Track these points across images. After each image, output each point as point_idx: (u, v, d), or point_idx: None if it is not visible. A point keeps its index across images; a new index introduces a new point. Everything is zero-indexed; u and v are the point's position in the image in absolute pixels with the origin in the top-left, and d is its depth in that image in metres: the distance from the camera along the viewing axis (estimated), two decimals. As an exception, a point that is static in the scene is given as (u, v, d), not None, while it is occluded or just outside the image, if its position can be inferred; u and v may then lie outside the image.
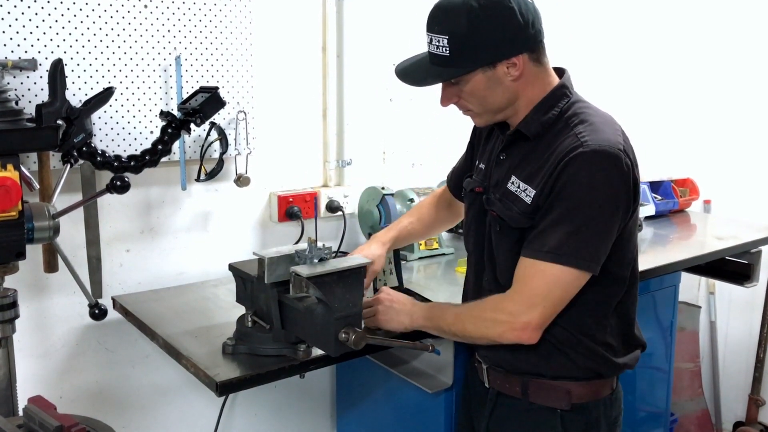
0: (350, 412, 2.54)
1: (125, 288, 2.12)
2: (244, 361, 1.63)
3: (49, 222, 1.57)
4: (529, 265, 1.45)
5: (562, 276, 1.43)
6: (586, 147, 1.41)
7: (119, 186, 1.65)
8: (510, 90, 1.49)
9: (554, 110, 1.51)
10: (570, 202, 1.41)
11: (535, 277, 1.44)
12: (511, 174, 1.54)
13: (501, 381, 1.65)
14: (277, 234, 2.40)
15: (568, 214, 1.41)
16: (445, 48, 1.45)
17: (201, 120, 1.90)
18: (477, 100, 1.51)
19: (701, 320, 3.55)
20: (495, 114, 1.55)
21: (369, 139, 2.59)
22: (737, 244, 2.71)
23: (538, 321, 1.45)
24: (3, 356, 1.59)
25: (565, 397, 1.57)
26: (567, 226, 1.41)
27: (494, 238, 1.58)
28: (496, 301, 1.50)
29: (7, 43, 1.79)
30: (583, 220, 1.41)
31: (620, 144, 1.45)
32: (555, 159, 1.44)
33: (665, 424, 2.83)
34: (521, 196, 1.50)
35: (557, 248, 1.41)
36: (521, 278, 1.47)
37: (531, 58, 1.48)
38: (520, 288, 1.47)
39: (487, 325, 1.50)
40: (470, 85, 1.48)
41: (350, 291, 1.52)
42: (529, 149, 1.53)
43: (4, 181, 1.42)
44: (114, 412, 2.13)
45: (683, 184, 3.31)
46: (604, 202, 1.42)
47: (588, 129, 1.46)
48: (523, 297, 1.46)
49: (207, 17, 2.10)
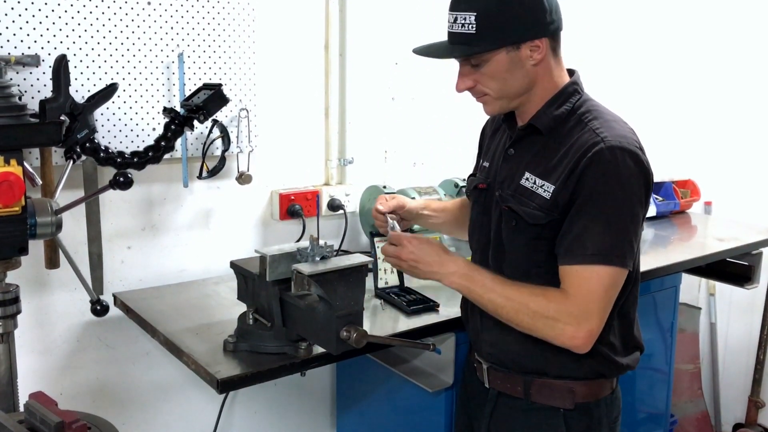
0: (350, 410, 2.54)
1: (126, 285, 2.12)
2: (244, 359, 1.64)
3: (51, 218, 1.57)
4: (579, 270, 1.43)
5: (612, 276, 1.43)
6: (607, 143, 1.42)
7: (122, 182, 1.65)
8: (529, 75, 1.49)
9: (566, 106, 1.52)
10: (601, 201, 1.42)
11: (591, 280, 1.43)
12: (524, 170, 1.53)
13: (502, 381, 1.64)
14: (278, 232, 2.40)
15: (601, 214, 1.42)
16: (471, 25, 1.44)
17: (204, 117, 1.90)
18: (496, 83, 1.49)
19: (701, 322, 3.55)
20: (511, 100, 1.53)
21: (371, 138, 2.59)
22: (738, 246, 2.71)
23: (597, 329, 1.45)
24: (4, 352, 1.59)
25: (568, 396, 1.57)
26: (604, 225, 1.41)
27: (507, 233, 1.57)
28: (559, 301, 1.45)
29: (10, 39, 1.79)
30: (617, 218, 1.42)
31: (636, 141, 1.47)
32: (574, 155, 1.44)
33: (665, 425, 2.83)
34: (538, 191, 1.49)
35: (600, 249, 1.41)
36: (575, 282, 1.44)
37: (551, 45, 1.50)
38: (578, 291, 1.44)
39: (547, 323, 1.45)
40: (492, 66, 1.47)
41: (352, 289, 1.52)
42: (540, 145, 1.53)
43: (7, 176, 1.42)
44: (115, 409, 2.13)
45: (684, 185, 3.31)
46: (632, 197, 1.43)
47: (604, 125, 1.47)
48: (584, 301, 1.43)
49: (210, 14, 2.10)
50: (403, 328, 1.85)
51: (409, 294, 2.05)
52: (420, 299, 2.00)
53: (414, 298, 2.01)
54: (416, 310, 1.95)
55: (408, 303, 1.97)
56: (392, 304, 2.01)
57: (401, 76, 2.62)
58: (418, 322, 1.89)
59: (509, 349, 1.59)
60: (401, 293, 2.05)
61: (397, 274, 2.11)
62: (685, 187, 3.30)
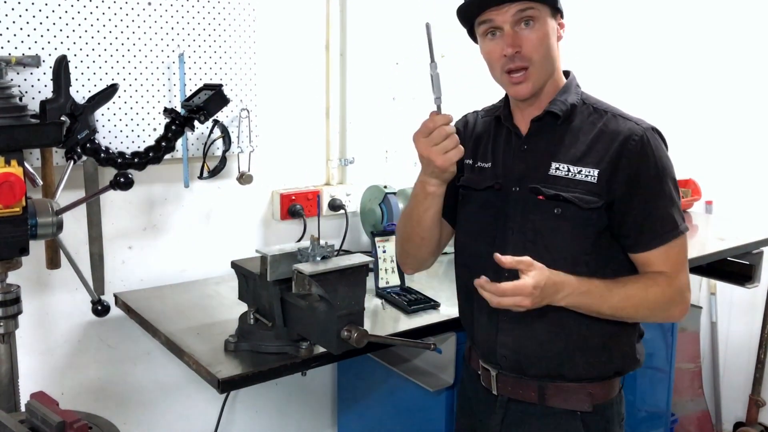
0: (351, 410, 2.54)
1: (127, 285, 2.12)
2: (245, 359, 1.64)
3: (52, 218, 1.57)
4: (666, 250, 1.49)
5: (685, 242, 1.53)
6: (644, 124, 1.51)
7: (122, 183, 1.65)
8: (556, 51, 1.52)
9: (576, 95, 1.56)
10: (663, 179, 1.49)
11: (681, 254, 1.52)
12: (549, 161, 1.52)
13: (513, 387, 1.58)
14: (279, 232, 2.40)
15: (662, 194, 1.49)
16: None
17: (205, 117, 1.90)
18: (544, 49, 1.48)
19: (702, 321, 3.55)
20: (549, 74, 1.52)
21: (371, 138, 2.59)
22: (739, 245, 2.71)
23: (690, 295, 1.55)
24: (6, 352, 1.59)
25: (587, 398, 1.54)
26: (669, 201, 1.49)
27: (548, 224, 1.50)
28: (668, 285, 1.51)
29: (11, 40, 1.79)
30: (673, 193, 1.51)
31: None
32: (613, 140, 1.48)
33: (666, 424, 2.83)
34: (579, 177, 1.48)
35: (675, 224, 1.49)
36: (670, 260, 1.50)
37: None
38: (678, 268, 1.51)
39: (665, 309, 1.52)
40: (542, 28, 1.47)
41: (352, 289, 1.52)
42: (558, 135, 1.53)
43: (8, 176, 1.42)
44: (116, 409, 2.13)
45: (685, 184, 3.30)
46: (673, 174, 1.54)
47: (624, 114, 1.54)
48: (685, 275, 1.52)
49: (210, 15, 2.10)
50: (403, 328, 1.85)
51: (409, 293, 2.05)
52: (421, 299, 2.00)
53: (415, 298, 2.01)
54: (417, 309, 1.95)
55: (409, 302, 1.97)
56: (393, 304, 2.01)
57: (402, 76, 2.62)
58: (419, 321, 1.89)
59: (528, 352, 1.54)
60: (402, 293, 2.05)
61: (398, 273, 2.11)
62: (686, 187, 3.30)
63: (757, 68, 3.45)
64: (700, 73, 3.51)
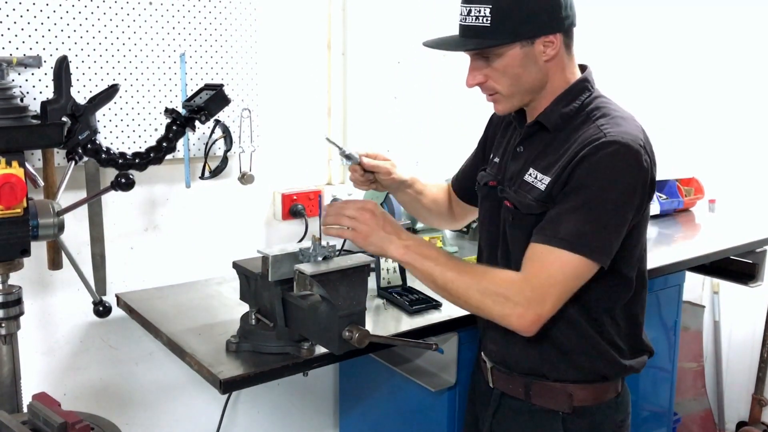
0: (353, 410, 2.54)
1: (129, 285, 2.12)
2: (247, 359, 1.64)
3: (53, 219, 1.57)
4: (543, 250, 1.40)
5: (577, 266, 1.39)
6: (609, 137, 1.40)
7: (124, 183, 1.65)
8: (542, 71, 1.47)
9: (575, 103, 1.50)
10: (588, 191, 1.39)
11: (553, 264, 1.39)
12: (529, 167, 1.51)
13: (504, 381, 1.63)
14: (281, 232, 2.40)
15: (584, 204, 1.39)
16: (486, 18, 1.42)
17: (206, 117, 1.90)
18: (509, 79, 1.46)
19: (705, 320, 3.54)
20: (522, 97, 1.50)
21: (373, 137, 2.59)
22: (742, 244, 2.71)
23: (547, 316, 1.40)
24: (8, 353, 1.59)
25: (566, 400, 1.55)
26: (582, 214, 1.38)
27: (509, 231, 1.55)
28: (512, 280, 1.41)
29: (12, 40, 1.79)
30: (599, 211, 1.39)
31: (641, 140, 1.44)
32: (575, 149, 1.42)
33: (668, 423, 2.82)
34: (536, 185, 1.48)
35: (572, 236, 1.37)
36: (536, 263, 1.40)
37: (564, 41, 1.48)
38: (536, 272, 1.39)
39: (496, 300, 1.40)
40: (505, 61, 1.44)
41: (354, 289, 1.51)
42: (547, 142, 1.51)
43: (9, 178, 1.42)
44: (118, 410, 2.13)
45: (688, 183, 3.30)
46: (621, 195, 1.40)
47: (610, 122, 1.45)
48: (540, 283, 1.38)
49: (212, 14, 2.10)
50: (405, 328, 1.85)
51: (411, 293, 2.04)
52: (422, 299, 2.00)
53: (416, 298, 2.01)
54: (419, 309, 1.95)
55: (410, 302, 1.97)
56: (394, 304, 2.01)
57: (403, 75, 2.61)
58: (421, 321, 1.89)
59: (511, 349, 1.57)
60: (403, 293, 2.05)
61: (399, 273, 2.11)
62: (689, 185, 3.29)
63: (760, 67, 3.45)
64: (704, 72, 3.50)
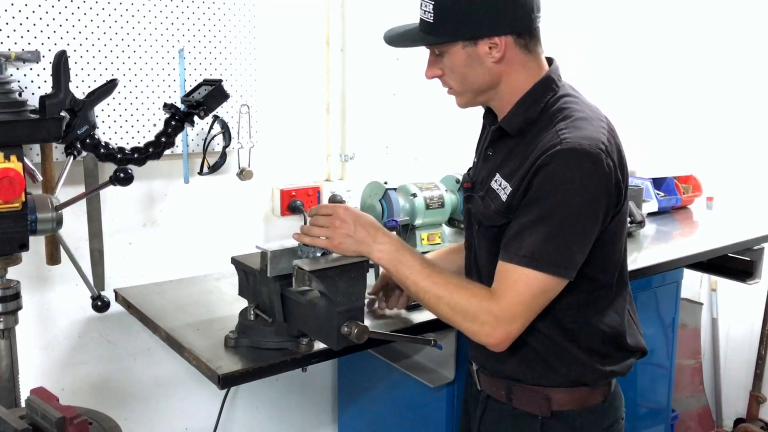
0: (352, 406, 2.54)
1: (127, 280, 2.12)
2: (246, 355, 1.64)
3: (52, 214, 1.57)
4: (508, 269, 1.37)
5: (542, 283, 1.36)
6: (565, 145, 1.34)
7: (122, 178, 1.65)
8: (491, 72, 1.43)
9: (538, 105, 1.45)
10: (547, 203, 1.34)
11: (519, 282, 1.36)
12: (496, 171, 1.48)
13: (489, 384, 1.60)
14: (279, 228, 2.40)
15: (544, 217, 1.34)
16: (430, 14, 1.41)
17: (205, 112, 1.90)
18: (457, 77, 1.46)
19: (703, 317, 3.55)
20: (476, 95, 1.48)
21: (372, 134, 2.59)
22: (740, 241, 2.71)
23: (516, 333, 1.39)
24: (6, 348, 1.59)
25: (544, 403, 1.51)
26: (543, 228, 1.34)
27: (476, 238, 1.53)
28: (481, 298, 1.39)
29: (10, 35, 1.79)
30: (559, 223, 1.34)
31: (602, 143, 1.36)
32: (534, 157, 1.37)
33: (666, 420, 2.83)
34: (499, 193, 1.44)
35: (534, 253, 1.34)
36: (504, 282, 1.38)
37: (518, 42, 1.42)
38: (503, 291, 1.38)
39: (465, 316, 1.39)
40: (451, 59, 1.44)
41: (353, 285, 1.51)
42: (512, 147, 1.47)
43: (8, 172, 1.42)
44: (116, 405, 2.13)
45: (686, 180, 3.30)
46: (582, 204, 1.34)
47: (570, 126, 1.38)
48: (509, 303, 1.36)
49: (210, 10, 2.09)
50: (404, 324, 1.85)
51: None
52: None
53: (415, 294, 2.01)
54: (417, 305, 1.94)
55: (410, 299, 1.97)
56: (393, 300, 2.00)
57: (402, 72, 2.61)
58: (419, 317, 1.89)
59: (490, 353, 1.48)
60: (402, 289, 2.05)
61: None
62: (687, 183, 3.29)
63: (758, 65, 3.45)
64: (702, 69, 3.50)
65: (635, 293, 2.53)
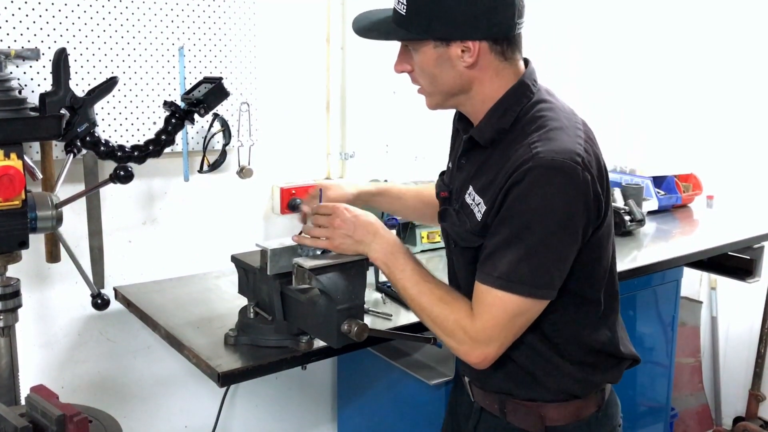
0: (351, 403, 2.54)
1: (127, 279, 2.12)
2: (246, 352, 1.64)
3: (52, 211, 1.57)
4: (484, 291, 1.32)
5: (518, 305, 1.30)
6: (537, 160, 1.27)
7: (122, 176, 1.65)
8: (463, 77, 1.36)
9: (511, 114, 1.37)
10: (520, 222, 1.28)
11: (494, 306, 1.31)
12: (469, 184, 1.42)
13: (482, 397, 1.54)
14: (279, 226, 2.40)
15: (518, 236, 1.28)
16: (403, 6, 1.34)
17: (205, 110, 1.89)
18: (426, 76, 1.39)
19: (703, 315, 3.55)
20: (445, 98, 1.42)
21: (372, 132, 2.58)
22: (740, 240, 2.71)
23: (495, 354, 1.35)
24: (5, 345, 1.59)
25: (538, 421, 1.46)
26: (517, 249, 1.28)
27: (453, 252, 1.49)
28: (459, 316, 1.35)
29: (10, 32, 1.78)
30: (534, 243, 1.28)
31: (577, 155, 1.29)
32: (506, 172, 1.31)
33: (665, 418, 2.83)
34: (474, 210, 1.38)
35: (508, 274, 1.28)
36: (480, 304, 1.34)
37: (493, 49, 1.34)
38: (480, 313, 1.33)
39: (444, 332, 1.38)
40: (421, 57, 1.37)
41: (353, 283, 1.51)
42: (485, 157, 1.40)
43: (8, 170, 1.42)
44: (116, 402, 2.13)
45: (686, 179, 3.30)
46: (558, 222, 1.28)
47: (543, 138, 1.31)
48: (483, 325, 1.32)
49: (210, 7, 2.09)
50: (403, 322, 1.85)
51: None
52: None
53: (415, 292, 2.01)
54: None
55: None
56: (393, 298, 2.01)
57: (402, 70, 2.60)
58: (419, 315, 1.89)
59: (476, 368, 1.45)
60: (402, 287, 2.05)
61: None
62: (687, 181, 3.30)
63: (758, 63, 3.45)
64: (702, 68, 3.50)
65: (635, 292, 2.55)
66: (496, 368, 1.41)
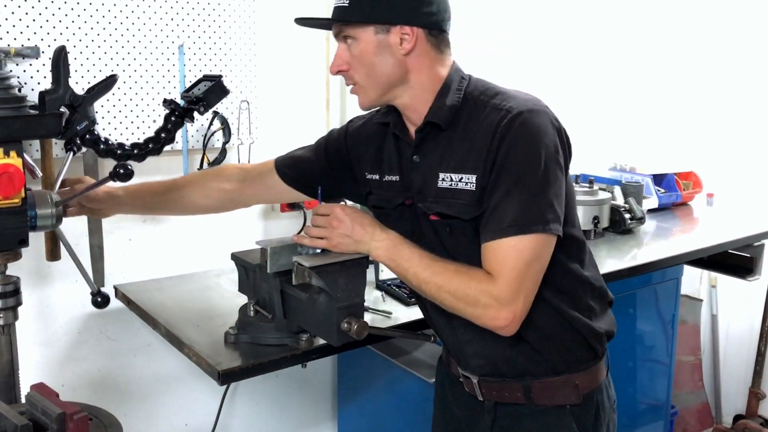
0: (351, 401, 2.54)
1: (127, 277, 2.12)
2: (246, 351, 1.64)
3: (51, 210, 1.57)
4: (495, 246, 1.34)
5: (534, 246, 1.33)
6: (514, 111, 1.36)
7: (122, 174, 1.64)
8: (401, 65, 1.42)
9: (459, 93, 1.45)
10: (516, 171, 1.35)
11: (509, 256, 1.33)
12: (437, 172, 1.45)
13: (498, 390, 1.53)
14: (279, 224, 2.40)
15: (518, 182, 1.34)
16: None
17: (204, 108, 1.89)
18: (365, 68, 1.43)
19: (703, 313, 3.55)
20: (382, 92, 1.46)
21: (372, 130, 2.58)
22: (740, 238, 2.71)
23: (522, 311, 1.36)
24: (6, 343, 1.59)
25: (573, 391, 1.49)
26: (520, 194, 1.34)
27: (449, 243, 1.48)
28: (479, 280, 1.36)
29: (9, 30, 1.78)
30: (534, 184, 1.34)
31: (539, 101, 1.42)
32: (485, 137, 1.38)
33: (666, 416, 2.83)
34: (459, 186, 1.41)
35: (518, 219, 1.32)
36: (494, 261, 1.35)
37: (429, 39, 1.43)
38: (498, 270, 1.34)
39: (467, 302, 1.36)
40: (360, 46, 1.42)
41: (353, 281, 1.51)
42: (445, 142, 1.45)
43: (7, 168, 1.41)
44: (116, 401, 2.13)
45: (686, 177, 3.30)
46: (549, 159, 1.36)
47: (505, 98, 1.41)
48: (505, 280, 1.33)
49: (210, 5, 2.09)
50: (403, 320, 1.85)
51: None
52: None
53: (415, 290, 2.01)
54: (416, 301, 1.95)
55: (409, 295, 1.97)
56: (393, 296, 2.01)
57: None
58: (419, 313, 1.88)
59: (500, 355, 1.49)
60: (402, 285, 2.05)
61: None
62: (687, 179, 3.30)
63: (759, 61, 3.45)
64: (702, 66, 3.50)
65: (635, 290, 2.55)
66: (518, 348, 1.46)
